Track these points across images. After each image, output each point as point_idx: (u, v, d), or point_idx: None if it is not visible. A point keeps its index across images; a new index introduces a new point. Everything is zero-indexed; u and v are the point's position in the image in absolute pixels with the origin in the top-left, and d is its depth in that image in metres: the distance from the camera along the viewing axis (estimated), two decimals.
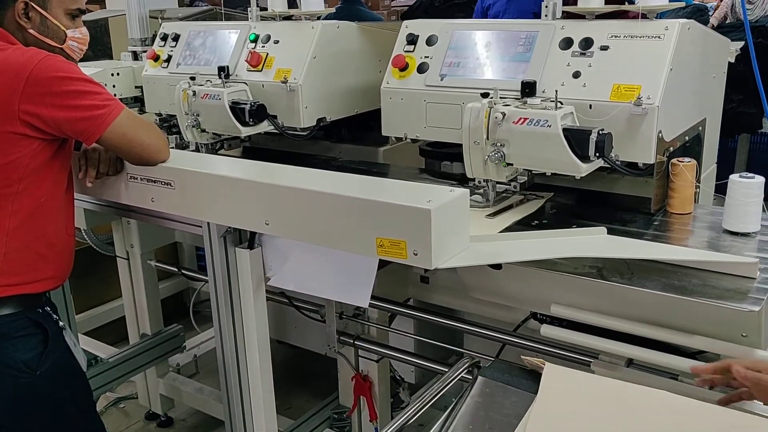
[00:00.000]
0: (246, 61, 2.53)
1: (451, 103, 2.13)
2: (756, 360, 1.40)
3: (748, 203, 1.79)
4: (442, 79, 2.18)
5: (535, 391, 1.43)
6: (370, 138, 2.74)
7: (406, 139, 2.30)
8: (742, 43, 2.84)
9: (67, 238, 1.95)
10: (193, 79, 2.51)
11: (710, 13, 5.33)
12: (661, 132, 1.87)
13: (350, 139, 2.86)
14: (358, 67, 2.64)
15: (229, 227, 1.99)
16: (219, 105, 2.42)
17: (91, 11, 3.91)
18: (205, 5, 4.86)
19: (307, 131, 2.52)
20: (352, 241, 1.66)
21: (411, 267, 2.03)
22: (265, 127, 2.50)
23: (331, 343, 2.39)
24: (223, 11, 3.39)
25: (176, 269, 3.33)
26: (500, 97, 1.90)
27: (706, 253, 1.69)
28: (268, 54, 2.53)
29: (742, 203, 1.79)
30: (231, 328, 2.10)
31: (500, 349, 2.08)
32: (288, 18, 2.67)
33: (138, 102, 3.14)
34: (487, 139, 1.88)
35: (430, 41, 2.25)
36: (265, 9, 2.70)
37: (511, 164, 1.91)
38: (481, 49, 2.16)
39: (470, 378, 1.62)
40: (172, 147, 2.61)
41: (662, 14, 2.12)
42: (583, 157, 1.81)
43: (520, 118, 1.83)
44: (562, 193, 2.14)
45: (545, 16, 2.11)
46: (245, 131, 2.46)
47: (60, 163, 1.88)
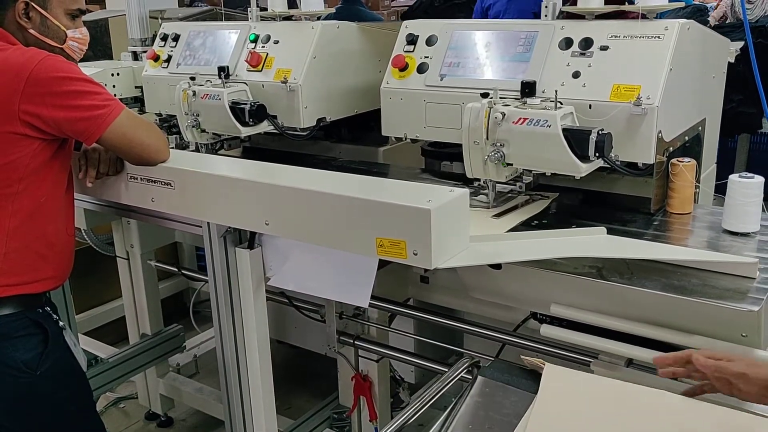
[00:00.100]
0: (246, 61, 2.53)
1: (451, 103, 2.14)
2: (722, 351, 1.41)
3: (747, 203, 1.79)
4: (441, 79, 2.18)
5: (534, 391, 1.43)
6: (370, 138, 2.74)
7: (406, 139, 2.30)
8: (741, 43, 2.84)
9: (67, 238, 1.95)
10: (193, 79, 2.51)
11: (710, 13, 5.32)
12: (660, 132, 1.87)
13: (350, 139, 2.86)
14: (358, 67, 2.64)
15: (229, 227, 1.99)
16: (219, 105, 2.42)
17: (91, 11, 3.91)
18: (204, 5, 4.86)
19: (307, 131, 2.52)
20: (352, 241, 1.66)
21: (411, 267, 2.03)
22: (265, 127, 2.50)
23: (331, 343, 2.39)
24: (223, 11, 3.40)
25: (176, 269, 3.33)
26: (500, 97, 1.90)
27: (706, 253, 1.69)
28: (268, 54, 2.53)
29: (741, 203, 1.79)
30: (231, 328, 2.10)
31: (500, 349, 2.08)
32: (288, 18, 2.68)
33: (138, 102, 3.14)
34: (487, 139, 1.88)
35: (429, 41, 2.25)
36: (265, 9, 2.70)
37: (511, 164, 1.91)
38: (481, 49, 2.16)
39: (470, 378, 1.62)
40: (172, 147, 2.61)
41: (662, 14, 2.12)
42: (583, 157, 1.81)
43: (520, 118, 1.84)
44: (561, 193, 2.14)
45: (545, 16, 2.11)
46: (245, 131, 2.46)
47: (60, 163, 1.88)
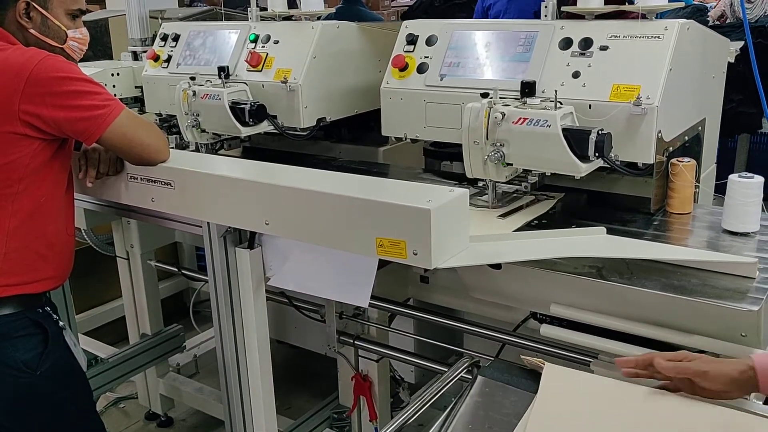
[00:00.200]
0: (246, 61, 2.53)
1: (451, 103, 2.14)
2: (681, 351, 1.41)
3: (747, 203, 1.79)
4: (441, 79, 2.18)
5: (534, 391, 1.43)
6: (370, 138, 2.74)
7: (406, 139, 2.30)
8: (741, 43, 2.83)
9: (67, 238, 1.95)
10: (193, 79, 2.51)
11: (708, 13, 5.32)
12: (660, 132, 1.87)
13: (350, 139, 2.86)
14: (358, 67, 2.64)
15: (229, 227, 1.99)
16: (219, 105, 2.42)
17: (91, 11, 3.91)
18: (204, 5, 4.86)
19: (307, 131, 2.52)
20: (352, 241, 1.66)
21: (411, 267, 2.03)
22: (265, 127, 2.50)
23: (331, 343, 2.39)
24: (223, 11, 3.40)
25: (176, 269, 3.33)
26: (500, 97, 1.91)
27: (706, 252, 1.70)
28: (268, 54, 2.53)
29: (741, 203, 1.79)
30: (231, 328, 2.10)
31: (500, 349, 2.08)
32: (288, 18, 2.68)
33: (138, 102, 3.14)
34: (487, 139, 1.88)
35: (429, 41, 2.25)
36: (265, 9, 2.70)
37: (511, 164, 1.91)
38: (481, 49, 2.16)
39: (470, 378, 1.62)
40: (172, 147, 2.61)
41: (662, 14, 2.12)
42: (583, 157, 1.81)
43: (520, 118, 1.84)
44: (554, 193, 2.14)
45: (545, 16, 2.11)
46: (245, 131, 2.46)
47: (60, 163, 1.88)
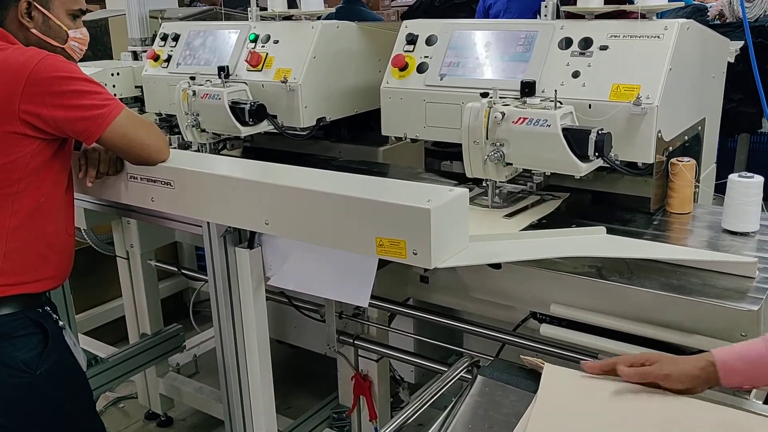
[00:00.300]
0: (246, 60, 2.53)
1: (451, 102, 2.14)
2: (641, 354, 1.41)
3: (747, 203, 1.79)
4: (441, 79, 2.18)
5: (534, 390, 1.43)
6: (370, 138, 2.74)
7: (406, 138, 2.31)
8: (741, 43, 2.83)
9: (67, 238, 1.95)
10: (193, 78, 2.51)
11: (709, 13, 5.32)
12: (660, 132, 1.87)
13: (350, 139, 2.86)
14: (357, 67, 2.64)
15: (229, 227, 1.99)
16: (219, 105, 2.43)
17: (91, 11, 3.91)
18: (204, 5, 4.85)
19: (306, 131, 2.53)
20: (352, 241, 1.66)
21: (411, 266, 2.03)
22: (265, 126, 2.50)
23: (330, 342, 2.39)
24: (223, 11, 3.39)
25: (176, 269, 3.33)
26: (500, 97, 1.91)
27: (706, 252, 1.70)
28: (267, 54, 2.53)
29: (741, 203, 1.79)
30: (231, 328, 2.10)
31: (500, 349, 2.08)
32: (288, 18, 2.68)
33: (138, 102, 3.14)
34: (487, 139, 1.88)
35: (429, 41, 2.25)
36: (265, 9, 2.70)
37: (511, 164, 1.91)
38: (481, 48, 2.16)
39: (470, 377, 1.62)
40: (174, 147, 2.61)
41: (662, 14, 2.12)
42: (583, 157, 1.81)
43: (520, 118, 1.84)
44: (560, 193, 2.14)
45: (544, 16, 2.11)
46: (245, 131, 2.46)
47: (60, 163, 1.88)
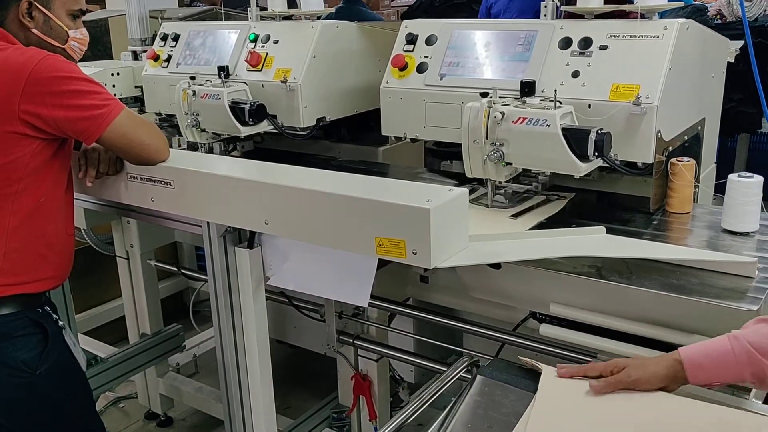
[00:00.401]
0: (246, 60, 2.53)
1: (451, 102, 2.14)
2: (611, 361, 1.41)
3: (747, 203, 1.79)
4: (441, 79, 2.19)
5: (533, 390, 1.43)
6: (370, 138, 2.74)
7: (406, 138, 2.31)
8: (741, 43, 2.83)
9: (66, 238, 1.95)
10: (192, 78, 2.51)
11: (709, 13, 5.33)
12: (660, 131, 1.87)
13: (350, 139, 2.86)
14: (357, 67, 2.64)
15: (229, 227, 1.99)
16: (219, 105, 2.43)
17: (91, 11, 3.91)
18: (204, 5, 4.85)
19: (306, 131, 2.53)
20: (352, 241, 1.66)
21: (410, 266, 2.03)
22: (265, 126, 2.50)
23: (330, 342, 2.39)
24: (223, 11, 3.39)
25: (176, 269, 3.32)
26: (499, 97, 1.91)
27: (705, 252, 1.70)
28: (267, 54, 2.53)
29: (741, 203, 1.79)
30: (231, 328, 2.10)
31: (499, 349, 2.08)
32: (288, 18, 2.68)
33: (138, 102, 3.14)
34: (487, 139, 1.88)
35: (429, 41, 2.25)
36: (265, 9, 2.70)
37: (510, 163, 1.91)
38: (481, 48, 2.17)
39: (469, 377, 1.62)
40: (183, 148, 2.61)
41: (662, 14, 2.12)
42: (582, 157, 1.81)
43: (519, 118, 1.84)
44: (565, 193, 2.14)
45: (544, 16, 2.11)
46: (245, 131, 2.46)
47: (60, 162, 1.88)
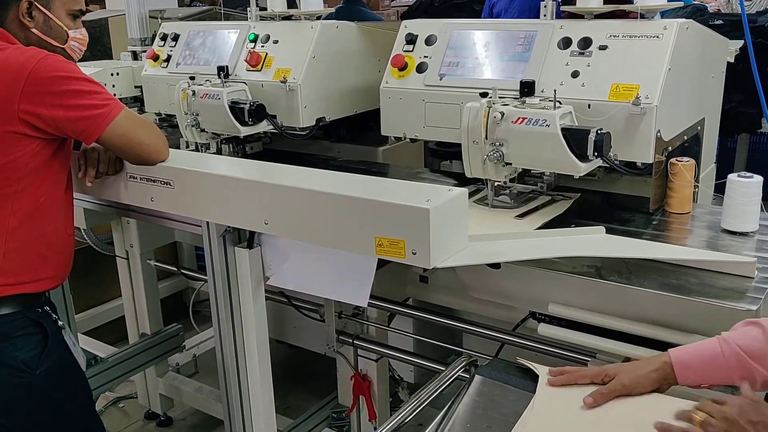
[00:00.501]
0: (245, 60, 2.53)
1: (450, 102, 2.14)
2: (602, 368, 1.40)
3: (746, 203, 1.79)
4: (441, 79, 2.19)
5: (532, 390, 1.43)
6: (370, 138, 2.74)
7: (405, 138, 2.31)
8: (741, 43, 2.83)
9: (66, 238, 1.95)
10: (192, 78, 2.51)
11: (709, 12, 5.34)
12: (659, 131, 1.87)
13: (349, 139, 2.86)
14: (357, 67, 2.64)
15: (229, 227, 1.99)
16: (218, 105, 2.43)
17: (91, 11, 3.91)
18: (204, 5, 4.85)
19: (306, 131, 2.53)
20: (351, 241, 1.66)
21: (410, 266, 2.03)
22: (265, 126, 2.50)
23: (330, 342, 2.39)
24: (223, 11, 3.40)
25: (176, 269, 3.33)
26: (499, 97, 1.91)
27: (705, 252, 1.70)
28: (267, 54, 2.53)
29: (740, 203, 1.79)
30: (230, 328, 2.10)
31: (499, 349, 2.08)
32: (287, 18, 2.68)
33: (138, 102, 3.14)
34: (486, 139, 1.88)
35: (429, 41, 2.25)
36: (265, 9, 2.70)
37: (510, 163, 1.91)
38: (480, 48, 2.17)
39: (468, 377, 1.62)
40: (192, 149, 2.61)
41: (662, 14, 2.12)
42: (582, 157, 1.81)
43: (519, 118, 1.84)
44: (570, 193, 2.14)
45: (544, 16, 2.11)
46: (245, 131, 2.46)
47: (59, 162, 1.88)
